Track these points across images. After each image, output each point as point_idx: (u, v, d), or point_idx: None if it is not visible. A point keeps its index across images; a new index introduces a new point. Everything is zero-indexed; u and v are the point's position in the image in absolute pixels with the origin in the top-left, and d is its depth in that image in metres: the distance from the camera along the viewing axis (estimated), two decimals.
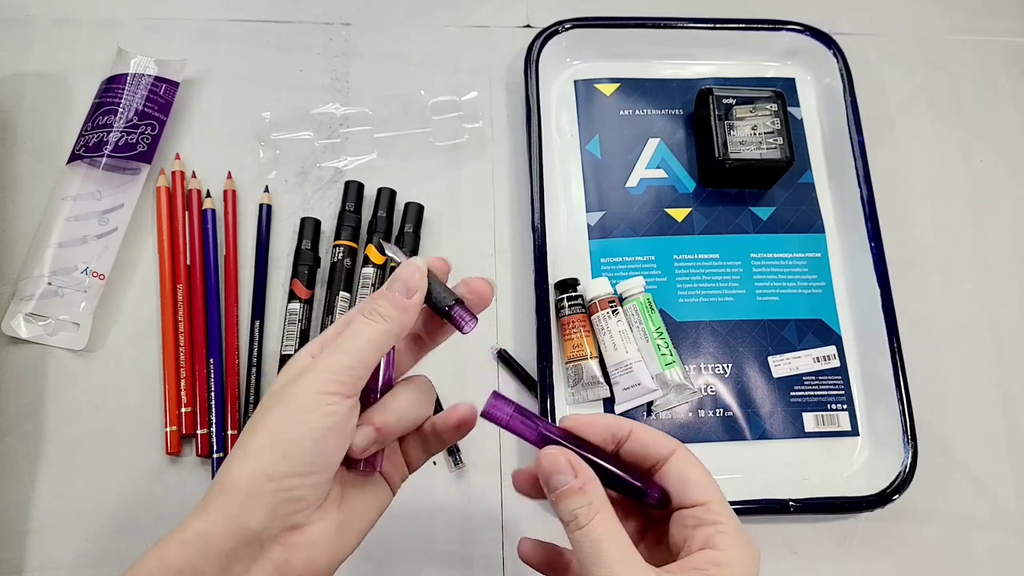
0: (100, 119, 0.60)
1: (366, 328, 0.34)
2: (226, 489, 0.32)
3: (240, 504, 0.31)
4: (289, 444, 0.32)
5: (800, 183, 0.65)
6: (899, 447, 0.55)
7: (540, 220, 0.59)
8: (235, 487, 0.31)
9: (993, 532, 0.57)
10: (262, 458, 0.32)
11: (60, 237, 0.57)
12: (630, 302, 0.58)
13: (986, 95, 0.70)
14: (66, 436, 0.54)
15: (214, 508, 0.32)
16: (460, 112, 0.64)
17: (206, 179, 0.61)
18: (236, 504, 0.31)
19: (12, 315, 0.56)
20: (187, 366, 0.56)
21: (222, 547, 0.31)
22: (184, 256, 0.58)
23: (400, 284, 0.35)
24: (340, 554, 0.34)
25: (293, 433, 0.32)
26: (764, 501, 0.54)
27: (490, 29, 0.69)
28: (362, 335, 0.33)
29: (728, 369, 0.59)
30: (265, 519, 0.31)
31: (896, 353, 0.57)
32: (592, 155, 0.65)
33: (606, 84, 0.67)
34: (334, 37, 0.68)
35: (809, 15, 0.68)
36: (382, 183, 0.61)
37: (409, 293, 0.35)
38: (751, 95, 0.63)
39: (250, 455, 0.32)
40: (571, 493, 0.33)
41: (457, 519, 0.54)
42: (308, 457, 0.32)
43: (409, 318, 0.35)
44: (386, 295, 0.34)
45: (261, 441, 0.32)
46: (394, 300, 0.34)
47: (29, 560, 0.51)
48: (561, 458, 0.34)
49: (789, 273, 0.62)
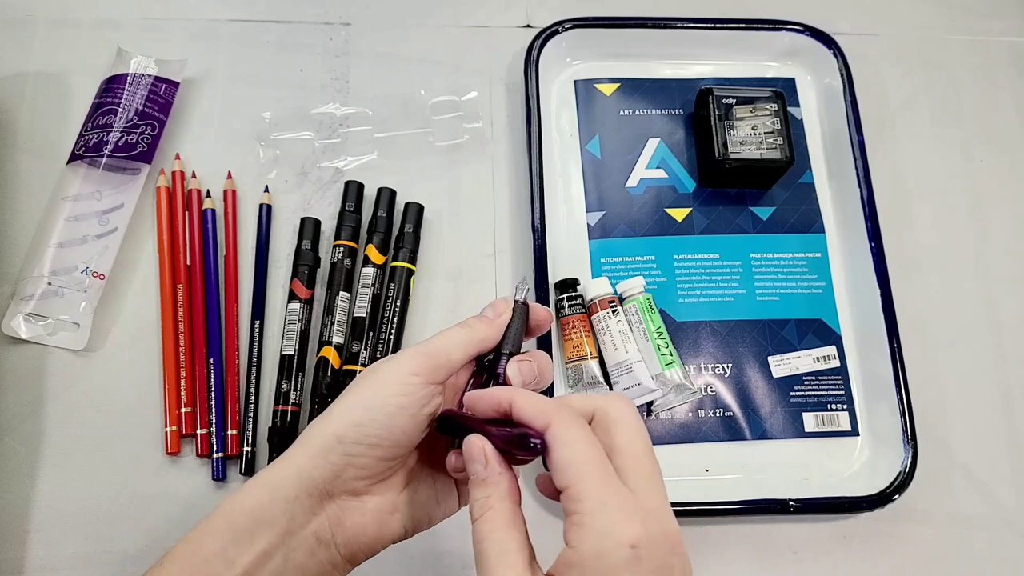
0: (100, 119, 0.60)
1: (456, 330, 0.39)
2: (304, 443, 0.36)
3: (311, 456, 0.35)
4: (364, 412, 0.36)
5: (800, 183, 0.65)
6: (899, 447, 0.55)
7: (540, 220, 0.59)
8: (310, 442, 0.36)
9: (993, 532, 0.57)
10: (339, 421, 0.36)
11: (60, 237, 0.57)
12: (630, 302, 0.58)
13: (986, 95, 0.70)
14: (66, 436, 0.54)
15: (289, 458, 0.36)
16: (460, 112, 0.64)
17: (206, 179, 0.61)
18: (307, 456, 0.36)
19: (12, 315, 0.56)
20: (187, 366, 0.55)
21: (288, 492, 0.35)
22: (184, 256, 0.58)
23: (491, 309, 0.41)
24: (389, 535, 0.38)
25: (370, 403, 0.36)
26: (764, 501, 0.54)
27: (490, 29, 0.69)
28: (451, 333, 0.39)
29: (728, 369, 0.59)
30: (328, 474, 0.35)
31: (896, 353, 0.57)
32: (592, 155, 0.65)
33: (606, 84, 0.67)
34: (334, 37, 0.68)
35: (809, 15, 0.68)
36: (382, 183, 0.61)
37: (496, 315, 0.40)
38: (751, 95, 0.63)
39: (331, 416, 0.36)
40: (476, 483, 0.34)
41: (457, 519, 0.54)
42: (377, 429, 0.35)
43: (494, 333, 0.40)
44: (477, 316, 0.41)
45: (344, 406, 0.36)
46: (483, 317, 0.40)
47: (29, 560, 0.51)
48: (476, 447, 0.34)
49: (789, 273, 0.62)
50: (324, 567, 0.36)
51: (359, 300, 0.58)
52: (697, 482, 0.56)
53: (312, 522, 0.36)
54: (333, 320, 0.57)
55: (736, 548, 0.55)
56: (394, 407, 0.36)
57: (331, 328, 0.56)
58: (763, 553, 0.55)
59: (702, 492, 0.55)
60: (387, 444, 0.36)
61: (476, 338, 0.39)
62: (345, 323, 0.57)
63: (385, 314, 0.57)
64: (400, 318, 0.57)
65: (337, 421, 0.36)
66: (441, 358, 0.37)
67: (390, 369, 0.37)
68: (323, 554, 0.36)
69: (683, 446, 0.57)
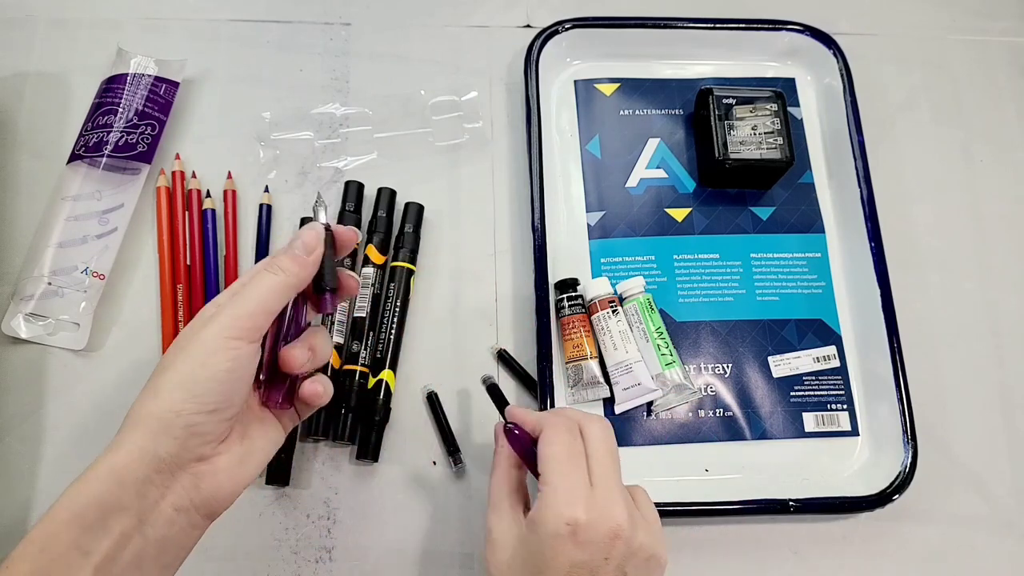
0: (100, 119, 0.60)
1: (267, 279, 0.38)
2: (138, 424, 0.36)
3: (152, 436, 0.35)
4: (196, 384, 0.36)
5: (800, 183, 0.65)
6: (899, 447, 0.55)
7: (540, 220, 0.59)
8: (146, 422, 0.36)
9: (993, 532, 0.57)
10: (172, 396, 0.36)
11: (60, 237, 0.57)
12: (630, 302, 0.58)
13: (986, 95, 0.70)
14: (66, 436, 0.54)
15: (128, 442, 0.35)
16: (460, 112, 0.65)
17: (206, 179, 0.61)
18: (148, 436, 0.35)
19: (12, 315, 0.56)
20: None
21: (137, 475, 0.35)
22: (184, 256, 0.58)
23: (300, 244, 0.40)
24: (243, 482, 0.39)
25: (200, 374, 0.36)
26: (764, 501, 0.54)
27: (490, 29, 0.69)
28: (263, 285, 0.38)
29: (728, 369, 0.59)
30: (174, 449, 0.36)
31: (896, 353, 0.57)
32: (592, 155, 0.65)
33: (606, 84, 0.67)
34: (334, 37, 0.68)
35: (809, 15, 0.68)
36: (382, 183, 0.61)
37: (307, 251, 0.40)
38: (751, 95, 0.63)
39: (161, 393, 0.36)
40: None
41: (457, 519, 0.54)
42: (213, 397, 0.36)
43: (307, 273, 0.39)
44: (287, 251, 0.39)
45: (171, 381, 0.36)
46: (293, 256, 0.39)
47: None
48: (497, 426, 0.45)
49: (789, 273, 0.62)
50: (184, 530, 0.37)
51: (359, 300, 0.58)
52: (697, 482, 0.56)
53: (167, 496, 0.36)
54: (333, 320, 0.57)
55: (736, 548, 0.55)
56: (224, 374, 0.36)
57: (331, 328, 0.56)
58: (763, 553, 0.55)
59: (702, 492, 0.55)
60: (224, 407, 0.37)
61: (292, 283, 0.39)
62: (345, 323, 0.57)
63: (385, 314, 0.57)
64: (400, 318, 0.57)
65: (170, 396, 0.36)
66: (259, 317, 0.37)
67: (212, 336, 0.36)
68: (182, 520, 0.37)
69: (683, 446, 0.57)
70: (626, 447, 0.56)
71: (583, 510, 0.38)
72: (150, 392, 0.36)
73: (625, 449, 0.56)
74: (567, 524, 0.38)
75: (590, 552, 0.38)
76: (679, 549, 0.55)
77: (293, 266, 0.39)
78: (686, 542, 0.55)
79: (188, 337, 0.37)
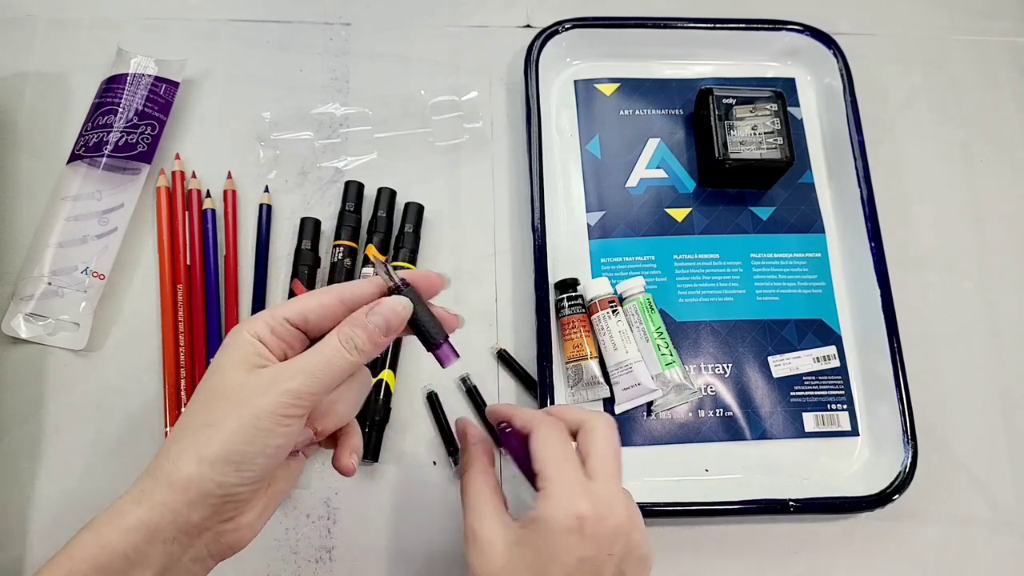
0: (100, 119, 0.60)
1: (340, 361, 0.36)
2: (175, 485, 0.34)
3: (188, 503, 0.34)
4: (244, 460, 0.34)
5: (800, 183, 0.65)
6: (899, 447, 0.55)
7: (540, 220, 0.59)
8: (184, 487, 0.33)
9: (993, 532, 0.57)
10: (216, 467, 0.34)
11: (60, 237, 0.57)
12: (630, 302, 0.58)
13: (986, 95, 0.70)
14: (66, 436, 0.54)
15: (160, 501, 0.34)
16: (460, 112, 0.65)
17: (206, 179, 0.61)
18: (184, 502, 0.34)
19: (12, 315, 0.56)
20: (187, 366, 0.56)
21: (166, 535, 0.34)
22: (184, 256, 0.58)
23: (383, 321, 0.37)
24: (261, 527, 0.38)
25: (250, 451, 0.34)
26: (764, 501, 0.54)
27: (490, 29, 0.69)
28: (333, 364, 0.35)
29: (728, 369, 0.59)
30: (208, 516, 0.34)
31: (896, 353, 0.57)
32: (592, 155, 0.65)
33: (606, 84, 0.67)
34: (334, 37, 0.68)
35: (809, 15, 0.68)
36: (382, 183, 0.61)
37: (388, 333, 0.37)
38: (751, 95, 0.63)
39: (204, 461, 0.34)
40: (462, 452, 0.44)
41: (457, 519, 0.54)
42: (259, 471, 0.35)
43: (380, 351, 0.37)
44: (367, 328, 0.36)
45: (216, 450, 0.34)
46: (372, 336, 0.36)
47: (29, 560, 0.51)
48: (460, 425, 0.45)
49: (789, 273, 0.62)
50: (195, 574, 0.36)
51: None
52: (697, 482, 0.56)
53: (189, 552, 0.35)
54: None
55: (736, 548, 0.55)
56: (274, 450, 0.34)
57: None
58: (763, 553, 0.55)
59: (702, 492, 0.55)
60: (265, 477, 0.35)
61: (360, 363, 0.37)
62: None
63: None
64: None
65: (214, 468, 0.34)
66: (320, 395, 0.35)
67: (267, 412, 0.34)
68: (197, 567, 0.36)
69: (683, 446, 0.57)
70: (626, 447, 0.56)
71: (588, 505, 0.38)
72: (191, 454, 0.34)
73: (625, 449, 0.56)
74: (576, 518, 0.37)
75: (596, 547, 0.37)
76: (679, 549, 0.55)
77: (369, 346, 0.36)
78: (686, 542, 0.55)
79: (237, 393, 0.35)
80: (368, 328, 0.36)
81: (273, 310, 0.37)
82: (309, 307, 0.37)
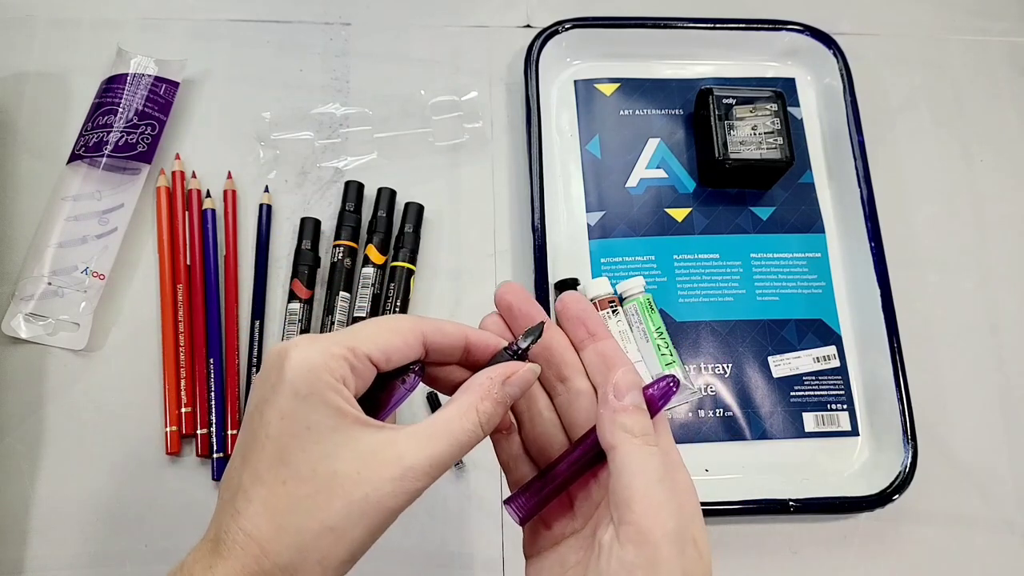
0: (100, 119, 0.60)
1: (470, 431, 0.32)
2: (269, 554, 0.28)
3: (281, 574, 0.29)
4: (354, 540, 0.29)
5: (800, 183, 0.65)
6: (899, 447, 0.55)
7: (540, 220, 0.59)
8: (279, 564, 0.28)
9: (993, 532, 0.57)
10: (320, 545, 0.29)
11: (60, 237, 0.57)
12: (630, 302, 0.58)
13: (986, 95, 0.70)
14: (66, 436, 0.54)
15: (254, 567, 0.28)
16: (460, 112, 0.65)
17: (206, 179, 0.61)
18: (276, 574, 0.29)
19: (12, 315, 0.56)
20: (187, 366, 0.56)
21: None
22: (184, 256, 0.58)
23: (518, 392, 0.33)
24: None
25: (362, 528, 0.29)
26: (764, 501, 0.54)
27: (490, 29, 0.69)
28: (464, 436, 0.31)
29: (728, 369, 0.59)
30: None
31: (896, 353, 0.57)
32: (592, 155, 0.65)
33: (606, 84, 0.67)
34: (334, 37, 0.68)
35: (809, 15, 0.68)
36: (382, 183, 0.61)
37: (513, 399, 0.33)
38: (751, 95, 0.63)
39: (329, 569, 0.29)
40: None
41: (457, 519, 0.54)
42: (367, 547, 0.30)
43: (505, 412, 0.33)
44: (500, 400, 0.32)
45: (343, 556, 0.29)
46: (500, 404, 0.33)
47: (29, 560, 0.51)
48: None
49: (789, 273, 0.62)
50: None
51: (359, 300, 0.58)
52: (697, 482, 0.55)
53: None
54: (333, 320, 0.57)
55: (736, 548, 0.55)
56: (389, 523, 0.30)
57: (331, 328, 0.56)
58: (763, 553, 0.55)
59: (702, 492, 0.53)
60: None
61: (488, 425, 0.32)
62: (345, 323, 0.57)
63: (385, 314, 0.57)
64: None
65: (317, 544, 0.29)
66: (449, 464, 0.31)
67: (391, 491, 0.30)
68: None
69: (683, 446, 0.57)
70: None
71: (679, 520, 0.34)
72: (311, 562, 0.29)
73: None
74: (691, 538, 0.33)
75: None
76: None
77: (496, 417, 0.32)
78: None
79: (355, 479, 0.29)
80: (502, 399, 0.32)
81: (347, 341, 0.31)
82: (393, 345, 0.32)
